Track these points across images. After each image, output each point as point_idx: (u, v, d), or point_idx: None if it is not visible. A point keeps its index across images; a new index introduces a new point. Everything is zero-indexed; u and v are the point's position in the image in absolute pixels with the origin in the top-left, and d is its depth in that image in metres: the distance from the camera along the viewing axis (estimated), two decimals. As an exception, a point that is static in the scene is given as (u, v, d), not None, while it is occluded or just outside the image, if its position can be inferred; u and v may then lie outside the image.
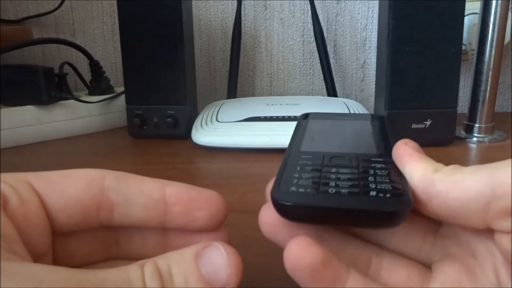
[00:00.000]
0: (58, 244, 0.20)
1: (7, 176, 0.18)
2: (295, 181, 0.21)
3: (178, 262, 0.17)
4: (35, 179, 0.19)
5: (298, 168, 0.22)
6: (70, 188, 0.19)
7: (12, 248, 0.16)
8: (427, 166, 0.20)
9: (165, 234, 0.22)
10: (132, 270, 0.16)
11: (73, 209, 0.19)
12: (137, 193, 0.20)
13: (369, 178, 0.21)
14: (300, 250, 0.17)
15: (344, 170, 0.22)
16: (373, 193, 0.19)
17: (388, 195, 0.19)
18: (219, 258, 0.17)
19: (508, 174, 0.17)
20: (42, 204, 0.19)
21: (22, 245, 0.17)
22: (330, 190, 0.20)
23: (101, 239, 0.21)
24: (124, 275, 0.15)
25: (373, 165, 0.22)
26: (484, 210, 0.17)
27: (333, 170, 0.22)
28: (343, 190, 0.20)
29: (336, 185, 0.20)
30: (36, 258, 0.18)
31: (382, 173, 0.21)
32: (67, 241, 0.20)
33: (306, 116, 0.32)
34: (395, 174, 0.21)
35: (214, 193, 0.21)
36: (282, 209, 0.20)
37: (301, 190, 0.20)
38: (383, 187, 0.20)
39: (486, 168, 0.18)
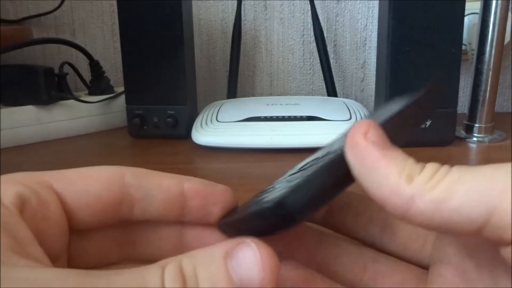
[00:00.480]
0: (73, 244, 0.20)
1: (25, 176, 0.18)
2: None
3: (206, 263, 0.15)
4: (54, 179, 0.19)
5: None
6: (90, 187, 0.19)
7: (27, 251, 0.15)
8: (397, 172, 0.16)
9: (181, 234, 0.22)
10: (150, 273, 0.14)
11: (94, 208, 0.19)
12: (156, 188, 0.20)
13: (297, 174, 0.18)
14: (284, 272, 0.18)
15: (294, 172, 0.20)
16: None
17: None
18: (252, 260, 0.15)
19: (509, 200, 0.14)
20: (61, 204, 0.18)
21: (39, 247, 0.16)
22: (257, 199, 0.19)
23: (116, 239, 0.21)
24: (140, 279, 0.14)
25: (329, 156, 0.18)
26: (475, 232, 0.15)
27: (293, 172, 0.21)
28: (265, 195, 0.18)
29: (272, 189, 0.19)
30: (52, 258, 0.17)
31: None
32: (82, 241, 0.20)
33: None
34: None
35: (227, 188, 0.21)
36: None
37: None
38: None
39: (479, 182, 0.15)
